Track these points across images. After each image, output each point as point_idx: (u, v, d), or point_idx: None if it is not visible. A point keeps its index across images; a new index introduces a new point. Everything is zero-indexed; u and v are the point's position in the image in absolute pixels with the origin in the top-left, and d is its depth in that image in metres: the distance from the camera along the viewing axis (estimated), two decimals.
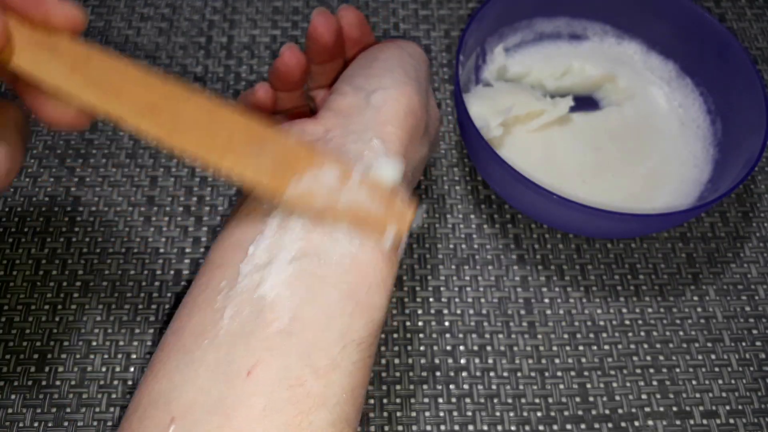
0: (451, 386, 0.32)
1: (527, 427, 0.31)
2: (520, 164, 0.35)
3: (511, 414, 0.32)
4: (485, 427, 0.31)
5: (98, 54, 0.20)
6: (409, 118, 0.28)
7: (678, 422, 0.32)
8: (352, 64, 0.30)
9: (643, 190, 0.37)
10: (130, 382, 0.32)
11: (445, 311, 0.34)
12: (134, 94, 0.21)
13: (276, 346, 0.22)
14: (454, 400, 0.32)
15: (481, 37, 0.38)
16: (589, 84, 0.40)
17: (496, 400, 0.32)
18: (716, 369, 0.33)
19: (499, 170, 0.32)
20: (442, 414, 0.31)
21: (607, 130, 0.39)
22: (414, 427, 0.31)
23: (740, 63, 0.35)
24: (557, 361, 0.33)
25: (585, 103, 0.40)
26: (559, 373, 0.33)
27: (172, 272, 0.35)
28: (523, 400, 0.32)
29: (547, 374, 0.33)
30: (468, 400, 0.32)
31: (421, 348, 0.33)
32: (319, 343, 0.22)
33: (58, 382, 0.31)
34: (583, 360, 0.33)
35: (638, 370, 0.33)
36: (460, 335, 0.33)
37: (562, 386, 0.32)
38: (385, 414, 0.31)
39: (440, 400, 0.32)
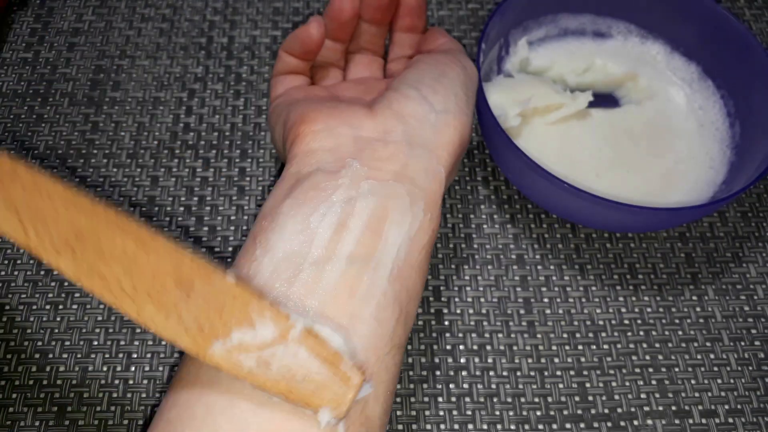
0: (451, 385, 0.32)
1: (527, 426, 0.31)
2: (536, 155, 0.35)
3: (511, 413, 0.32)
4: (485, 426, 0.31)
5: (26, 172, 0.18)
6: (459, 148, 0.29)
7: (677, 421, 0.32)
8: (416, 67, 0.31)
9: (657, 188, 0.37)
10: (131, 381, 0.32)
11: (445, 311, 0.34)
12: (59, 221, 0.18)
13: (335, 344, 0.23)
14: (453, 399, 0.32)
15: (505, 28, 0.39)
16: (611, 82, 0.40)
17: (495, 400, 0.32)
18: (715, 368, 0.33)
19: (512, 157, 0.32)
20: (441, 413, 0.32)
21: (624, 128, 0.39)
22: (414, 426, 0.31)
23: (761, 67, 0.35)
24: (557, 360, 0.33)
25: (605, 99, 0.40)
26: (558, 373, 0.33)
27: None
28: (522, 400, 0.32)
29: (546, 373, 0.33)
30: (468, 399, 0.32)
31: (421, 347, 0.33)
32: (373, 343, 0.23)
33: (59, 382, 0.32)
34: (583, 359, 0.33)
35: (637, 370, 0.33)
36: (460, 334, 0.34)
37: (561, 385, 0.32)
38: None
39: (440, 399, 0.32)
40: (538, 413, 0.32)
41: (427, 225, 0.27)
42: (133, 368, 0.32)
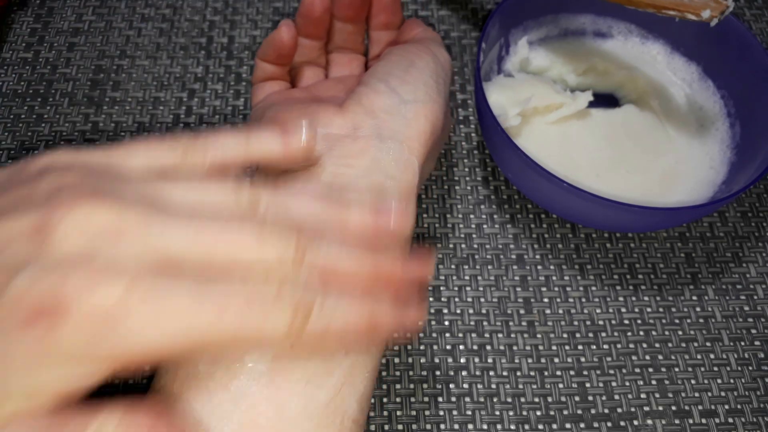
0: (451, 385, 0.32)
1: (527, 426, 0.31)
2: (536, 155, 0.35)
3: (511, 413, 0.32)
4: (485, 426, 0.31)
5: None
6: (431, 136, 0.29)
7: (677, 421, 0.32)
8: (386, 59, 0.31)
9: (657, 187, 0.37)
10: (131, 381, 0.32)
11: (445, 311, 0.34)
12: None
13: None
14: (453, 399, 0.32)
15: (505, 28, 0.39)
16: (611, 82, 0.40)
17: (495, 399, 0.32)
18: (715, 368, 0.33)
19: (513, 156, 0.32)
20: (441, 413, 0.32)
21: (624, 127, 0.39)
22: (414, 426, 0.31)
23: (761, 67, 0.35)
24: (556, 360, 0.33)
25: (605, 99, 0.40)
26: (558, 373, 0.33)
27: None
28: (522, 399, 0.32)
29: (546, 373, 0.33)
30: (467, 399, 0.32)
31: (421, 347, 0.33)
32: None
33: None
34: (583, 359, 0.33)
35: (637, 370, 0.33)
36: (460, 334, 0.34)
37: (561, 385, 0.32)
38: (385, 413, 0.31)
39: (440, 399, 0.32)
40: (538, 413, 0.32)
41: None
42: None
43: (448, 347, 0.33)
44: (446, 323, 0.34)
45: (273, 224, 0.21)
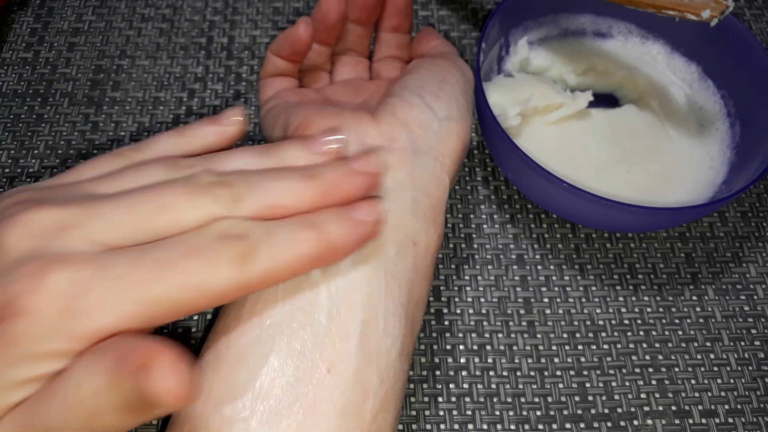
0: (451, 385, 0.32)
1: (526, 426, 0.31)
2: (536, 155, 0.35)
3: (511, 413, 0.32)
4: (485, 426, 0.31)
5: None
6: (462, 153, 0.29)
7: (677, 421, 0.32)
8: (416, 72, 0.31)
9: (657, 187, 0.37)
10: None
11: (445, 311, 0.34)
12: None
13: (347, 349, 0.23)
14: (453, 399, 0.32)
15: (505, 28, 0.39)
16: (611, 82, 0.40)
17: (495, 399, 0.32)
18: (715, 368, 0.33)
19: (513, 156, 0.32)
20: (441, 413, 0.32)
21: (624, 127, 0.39)
22: (414, 426, 0.31)
23: (761, 66, 0.35)
24: (556, 360, 0.33)
25: (605, 99, 0.40)
26: (558, 373, 0.33)
27: None
28: (522, 399, 0.32)
29: (546, 373, 0.33)
30: (467, 399, 0.32)
31: (421, 347, 0.33)
32: (381, 351, 0.24)
33: None
34: (583, 359, 0.33)
35: (637, 370, 0.33)
36: (460, 334, 0.34)
37: (561, 385, 0.32)
38: None
39: (440, 399, 0.32)
40: (538, 413, 0.32)
41: (432, 232, 0.27)
42: None
43: (448, 347, 0.33)
44: (446, 323, 0.34)
45: (205, 180, 0.21)
